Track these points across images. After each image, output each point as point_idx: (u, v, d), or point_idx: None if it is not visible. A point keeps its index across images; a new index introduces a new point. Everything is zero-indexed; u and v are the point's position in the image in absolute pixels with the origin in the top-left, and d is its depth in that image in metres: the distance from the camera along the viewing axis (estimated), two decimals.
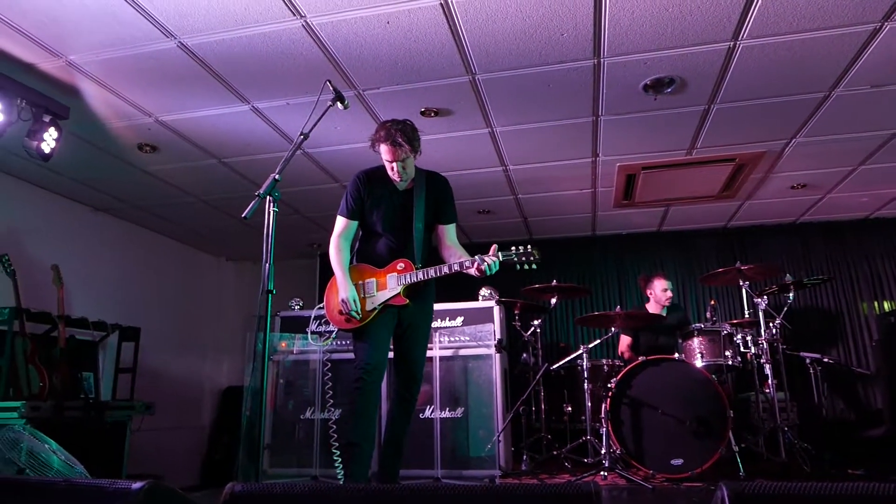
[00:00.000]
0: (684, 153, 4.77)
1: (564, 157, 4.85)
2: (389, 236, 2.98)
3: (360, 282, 2.95)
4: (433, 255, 3.06)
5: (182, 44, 3.28)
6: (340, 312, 2.91)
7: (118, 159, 4.70)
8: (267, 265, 2.30)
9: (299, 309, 5.11)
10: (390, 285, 2.91)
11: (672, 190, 5.53)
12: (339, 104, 2.73)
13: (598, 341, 4.67)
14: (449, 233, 3.10)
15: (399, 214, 2.99)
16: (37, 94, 3.56)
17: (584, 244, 7.00)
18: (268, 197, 2.37)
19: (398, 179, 2.94)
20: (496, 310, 4.63)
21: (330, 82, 2.71)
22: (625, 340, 5.31)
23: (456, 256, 2.99)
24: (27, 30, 3.15)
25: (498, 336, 4.53)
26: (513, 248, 2.92)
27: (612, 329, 4.46)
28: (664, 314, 5.24)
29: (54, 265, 4.79)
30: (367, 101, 3.89)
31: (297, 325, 4.94)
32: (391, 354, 3.04)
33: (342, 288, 2.91)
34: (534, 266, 2.88)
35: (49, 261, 4.88)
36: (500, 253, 2.87)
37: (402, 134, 2.84)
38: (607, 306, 6.74)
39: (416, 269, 2.93)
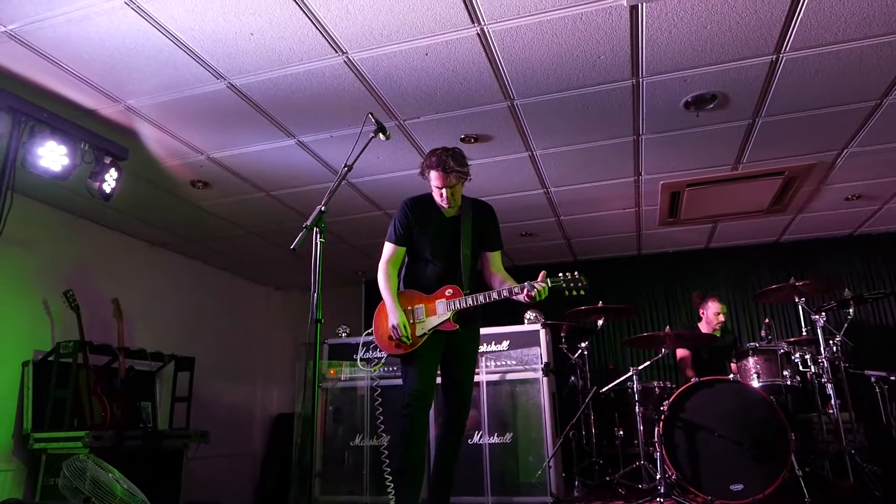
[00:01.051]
0: (730, 168, 4.68)
1: (606, 178, 4.83)
2: (437, 262, 3.02)
3: (410, 307, 3.00)
4: (479, 282, 3.08)
5: (231, 84, 3.43)
6: (390, 338, 2.94)
7: (173, 196, 4.90)
8: (315, 294, 2.34)
9: (346, 336, 5.17)
10: (439, 311, 2.95)
11: (719, 206, 5.42)
12: (381, 135, 2.80)
13: (648, 363, 4.57)
14: (495, 260, 3.14)
15: (447, 241, 3.03)
16: (98, 137, 3.76)
17: (629, 263, 6.90)
18: (315, 228, 2.43)
19: (446, 206, 2.99)
20: (542, 333, 4.60)
21: (372, 114, 2.78)
22: (685, 355, 5.16)
23: (502, 283, 3.02)
24: (89, 78, 3.35)
25: (545, 359, 4.48)
26: (560, 274, 2.94)
27: (662, 350, 4.36)
28: (718, 335, 5.10)
29: (114, 299, 5.00)
30: (409, 131, 3.97)
31: (344, 352, 4.99)
32: (439, 380, 3.06)
33: (392, 314, 2.95)
34: (582, 292, 2.93)
35: (110, 295, 5.11)
36: (548, 279, 2.88)
37: (452, 160, 2.92)
38: (656, 326, 6.61)
39: (465, 294, 2.95)
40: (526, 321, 4.80)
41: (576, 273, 2.94)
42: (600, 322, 4.81)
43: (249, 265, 6.95)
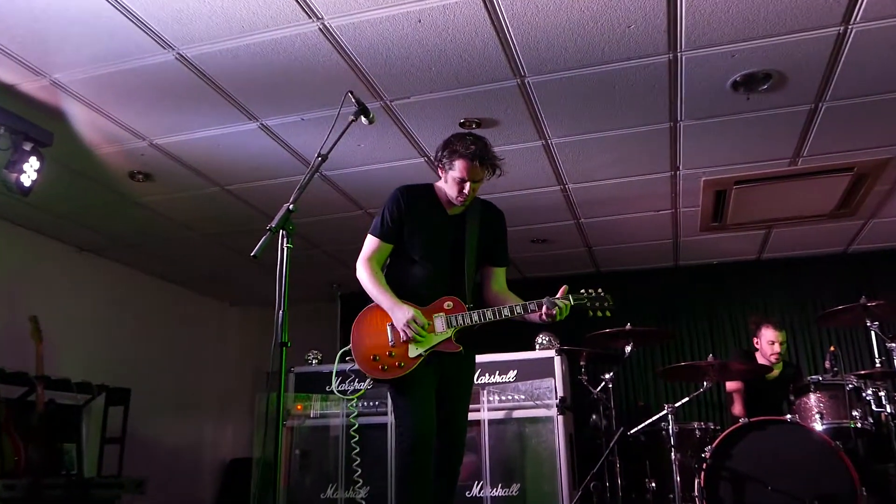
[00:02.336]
0: (787, 163, 4.71)
1: (637, 172, 4.85)
2: (431, 266, 3.01)
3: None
4: (478, 299, 3.09)
5: (181, 55, 3.44)
6: (374, 358, 2.90)
7: (107, 190, 4.90)
8: (280, 312, 2.34)
9: (317, 363, 5.16)
10: (438, 327, 2.94)
11: (773, 208, 5.45)
12: (363, 118, 2.80)
13: (687, 399, 4.57)
14: (500, 277, 3.17)
15: (447, 243, 3.03)
16: (16, 118, 3.76)
17: (664, 277, 6.91)
18: (280, 230, 2.43)
19: (461, 201, 3.00)
20: (557, 361, 4.60)
21: (352, 93, 2.79)
22: (735, 388, 5.17)
23: (510, 300, 3.02)
24: (6, 47, 3.36)
25: (560, 393, 4.48)
26: (584, 291, 2.96)
27: (705, 383, 4.37)
28: (779, 369, 5.11)
29: (32, 316, 4.98)
30: (396, 114, 3.98)
31: (315, 383, 4.98)
32: None
33: (397, 309, 2.91)
34: (607, 314, 2.96)
35: (26, 311, 5.08)
36: (570, 296, 2.91)
37: (490, 152, 2.96)
38: (697, 354, 6.62)
39: (468, 309, 2.95)
40: (537, 346, 4.80)
41: (600, 291, 2.96)
42: (628, 348, 4.81)
43: (200, 276, 6.95)
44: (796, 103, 3.95)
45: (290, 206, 2.46)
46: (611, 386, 4.89)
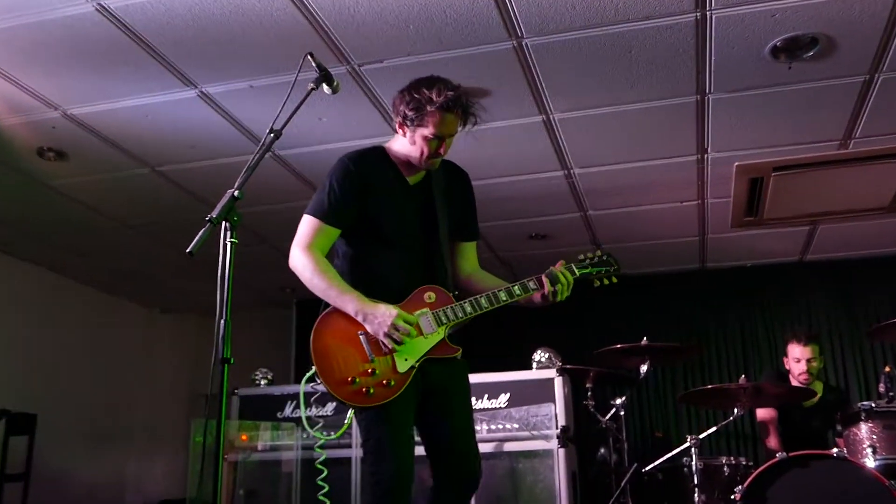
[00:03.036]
0: (836, 146, 4.75)
1: (656, 155, 4.87)
2: (400, 251, 2.92)
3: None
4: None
5: (101, 5, 3.40)
6: (352, 381, 2.74)
7: (10, 171, 4.85)
8: (221, 322, 2.33)
9: (267, 384, 5.13)
10: (425, 327, 2.85)
11: (819, 200, 5.49)
12: (325, 86, 2.79)
13: (714, 428, 4.60)
14: (471, 254, 3.11)
15: (415, 218, 2.95)
16: None
17: (688, 283, 6.95)
18: (223, 222, 2.41)
19: (431, 164, 2.92)
20: (558, 382, 4.60)
21: (312, 56, 2.77)
22: (767, 417, 5.20)
23: (486, 284, 2.98)
24: None
25: (562, 422, 4.49)
26: (582, 255, 2.97)
27: (735, 410, 4.39)
28: (818, 392, 5.15)
29: None
30: (366, 81, 3.97)
31: (264, 408, 4.95)
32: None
33: (367, 311, 2.73)
34: (613, 279, 2.98)
35: None
36: (573, 265, 2.91)
37: (467, 96, 2.86)
38: (726, 375, 6.67)
39: (453, 297, 2.89)
40: (534, 364, 4.80)
41: (600, 252, 2.99)
42: (644, 367, 4.83)
43: (124, 277, 6.89)
44: (848, 74, 3.98)
45: (236, 193, 2.45)
46: (623, 413, 4.90)
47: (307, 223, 2.90)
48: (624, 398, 4.86)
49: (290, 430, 4.89)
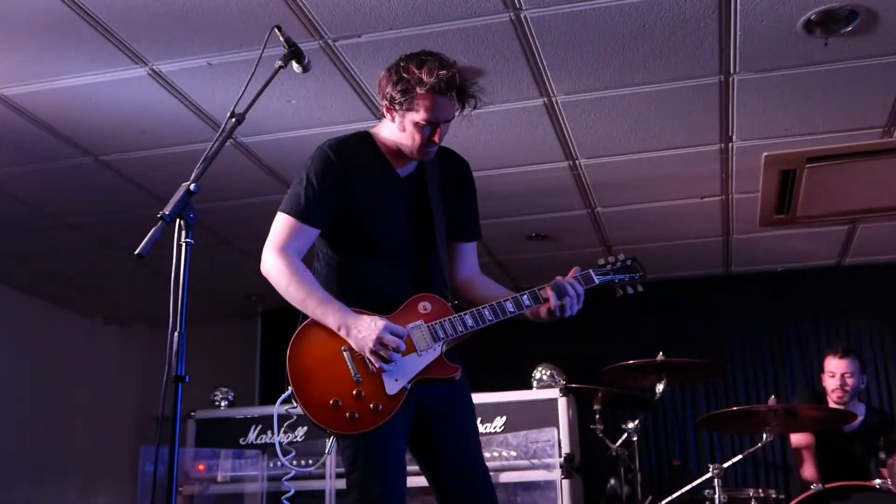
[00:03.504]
0: (879, 133, 4.77)
1: (674, 144, 4.87)
2: (388, 254, 2.90)
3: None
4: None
5: None
6: (334, 405, 2.72)
7: None
8: (176, 334, 2.32)
9: (228, 406, 5.12)
10: (419, 343, 2.82)
11: (860, 195, 5.51)
12: (294, 64, 2.77)
13: (740, 457, 4.59)
14: (471, 256, 3.08)
15: (409, 215, 2.93)
16: None
17: (710, 290, 6.96)
18: (177, 220, 2.40)
19: (425, 154, 2.87)
20: (562, 404, 4.61)
21: (280, 29, 2.76)
22: (803, 444, 5.21)
23: (488, 293, 2.95)
24: None
25: (566, 449, 4.49)
26: (602, 260, 2.93)
27: (764, 435, 4.40)
28: (858, 415, 5.16)
29: None
30: (342, 58, 3.95)
31: (224, 434, 4.96)
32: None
33: (351, 323, 2.68)
34: (638, 288, 2.92)
35: None
36: (591, 271, 2.86)
37: (464, 77, 2.80)
38: (754, 396, 6.67)
39: (452, 307, 2.86)
40: (535, 383, 4.80)
41: (622, 256, 2.93)
42: (660, 387, 4.84)
43: (63, 281, 6.86)
44: (891, 51, 3.99)
45: (192, 186, 2.44)
46: (636, 439, 4.90)
47: (282, 222, 2.86)
48: (637, 422, 4.86)
49: (254, 459, 4.87)
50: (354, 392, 2.69)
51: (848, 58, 4.03)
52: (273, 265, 2.81)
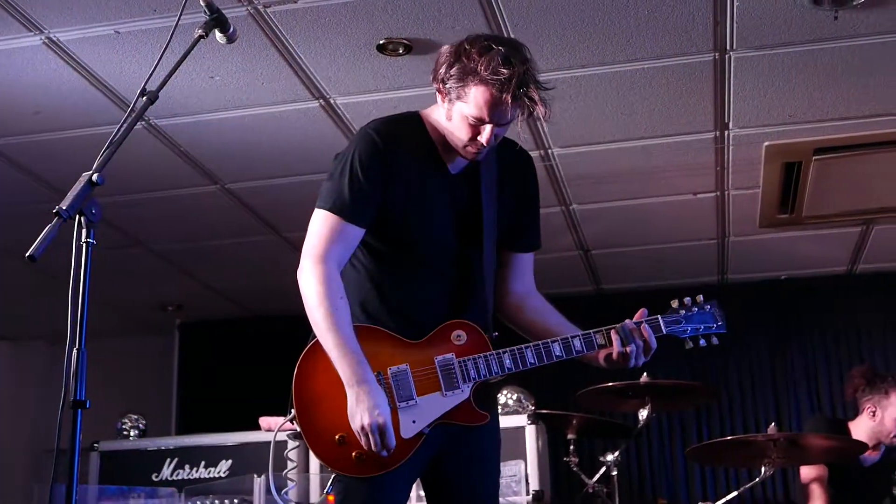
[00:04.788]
0: (895, 121, 4.85)
1: (661, 132, 4.92)
2: (429, 266, 2.85)
3: (377, 372, 2.80)
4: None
5: None
6: (339, 441, 2.70)
7: None
8: (74, 352, 2.30)
9: (139, 436, 5.07)
10: (445, 382, 2.79)
11: (874, 192, 5.58)
12: (217, 33, 2.75)
13: (736, 493, 4.63)
14: (525, 269, 3.06)
15: (455, 220, 2.89)
16: None
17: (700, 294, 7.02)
18: (77, 216, 2.38)
19: (472, 154, 2.82)
20: (530, 433, 4.62)
21: None
22: (815, 476, 5.25)
23: (542, 321, 2.94)
24: None
25: (534, 485, 4.51)
26: (675, 303, 2.93)
27: (763, 469, 4.44)
28: (876, 449, 5.23)
29: None
30: (274, 27, 3.94)
31: (134, 468, 4.94)
32: None
33: (359, 389, 2.65)
34: (714, 341, 2.92)
35: None
36: (660, 318, 2.86)
37: (534, 77, 2.73)
38: (752, 423, 6.74)
39: (490, 341, 2.83)
40: (500, 409, 4.80)
41: (701, 299, 2.94)
42: (644, 413, 4.86)
43: None
44: None
45: (94, 177, 2.41)
46: (615, 473, 4.93)
47: (322, 222, 2.77)
48: (617, 453, 4.88)
49: (169, 499, 4.84)
50: None
51: (861, 34, 4.07)
52: (309, 279, 2.73)
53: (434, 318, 2.79)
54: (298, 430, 2.71)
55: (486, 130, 2.69)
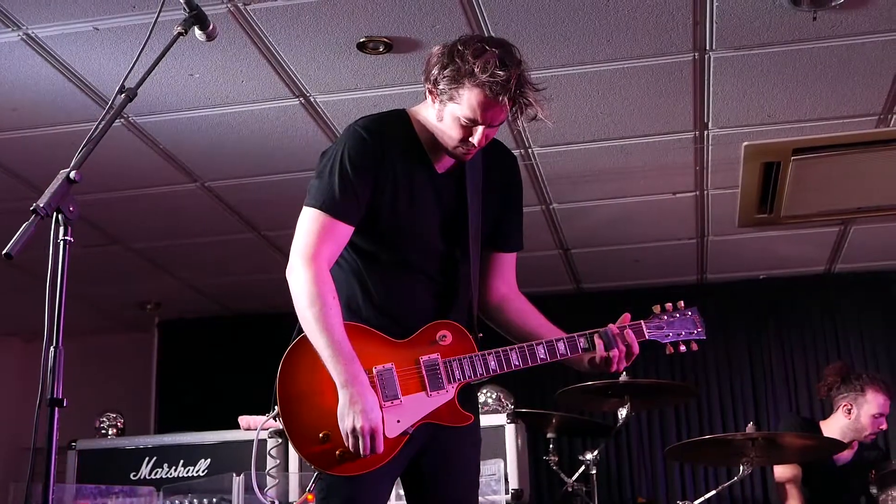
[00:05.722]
0: (874, 122, 4.85)
1: (640, 131, 4.93)
2: (414, 265, 2.85)
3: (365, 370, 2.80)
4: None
5: None
6: (324, 438, 2.67)
7: None
8: (52, 350, 2.29)
9: (117, 435, 5.05)
10: (431, 383, 2.79)
11: (852, 193, 5.59)
12: (196, 30, 2.74)
13: (715, 492, 4.65)
14: (510, 270, 3.09)
15: (440, 219, 2.90)
16: None
17: (682, 300, 7.01)
18: (55, 214, 2.37)
19: (462, 154, 2.81)
20: (510, 431, 4.62)
21: None
22: (789, 476, 5.27)
23: (522, 321, 2.95)
24: None
25: (514, 484, 4.51)
26: (657, 307, 2.98)
27: (741, 467, 4.46)
28: (851, 445, 5.25)
29: None
30: (254, 25, 3.93)
31: (112, 467, 4.94)
32: None
33: (354, 388, 2.63)
34: (693, 347, 2.97)
35: None
36: (643, 323, 2.91)
37: (527, 80, 2.70)
38: (730, 422, 6.76)
39: (476, 341, 2.84)
40: (480, 409, 4.79)
41: (682, 305, 3.01)
42: (623, 412, 4.86)
43: None
44: (889, 28, 4.05)
45: (72, 174, 2.41)
46: (595, 472, 4.93)
47: (311, 221, 2.77)
48: (596, 452, 4.88)
49: (148, 498, 4.82)
50: None
51: (840, 34, 4.09)
52: (299, 279, 2.71)
53: (419, 318, 2.80)
54: (281, 427, 2.70)
55: (478, 132, 2.71)
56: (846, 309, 6.94)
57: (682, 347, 2.93)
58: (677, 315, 2.97)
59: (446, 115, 2.72)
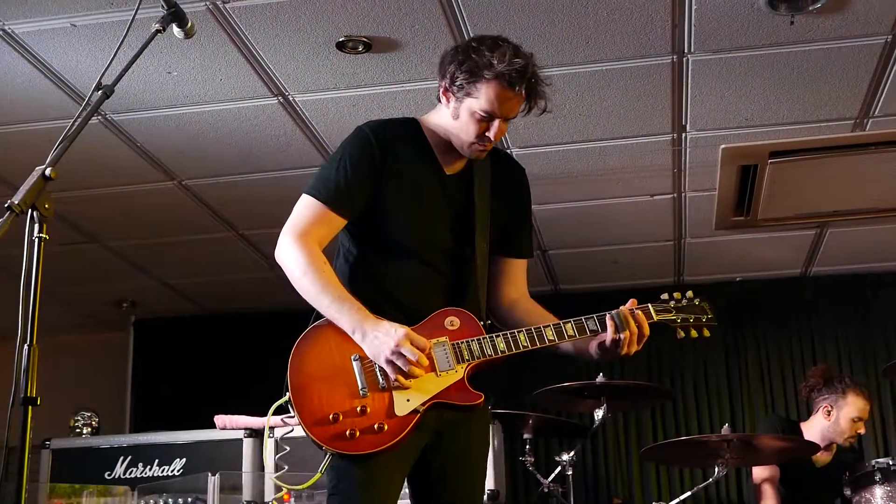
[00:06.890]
0: (850, 126, 4.88)
1: (618, 133, 4.94)
2: (423, 259, 2.89)
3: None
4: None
5: None
6: (335, 418, 2.67)
7: None
8: (25, 348, 2.28)
9: (91, 434, 5.03)
10: (440, 363, 2.79)
11: (828, 196, 5.62)
12: (175, 28, 2.74)
13: (690, 493, 4.65)
14: (518, 275, 3.15)
15: (449, 219, 2.94)
16: None
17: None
18: (29, 211, 2.36)
19: (479, 151, 2.86)
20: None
21: None
22: (767, 476, 5.29)
23: (534, 320, 2.97)
24: None
25: (490, 485, 4.49)
26: (665, 295, 2.98)
27: (717, 468, 4.47)
28: (829, 450, 5.27)
29: None
30: (233, 22, 3.92)
31: (87, 466, 4.90)
32: None
33: (368, 327, 2.70)
34: (705, 332, 3.02)
35: None
36: (650, 307, 2.92)
37: (538, 72, 2.81)
38: (706, 424, 6.77)
39: (484, 327, 2.86)
40: None
41: (691, 295, 3.01)
42: (600, 413, 4.87)
43: None
44: (865, 33, 4.08)
45: (48, 171, 2.40)
46: (571, 472, 4.94)
47: (306, 206, 2.86)
48: (573, 453, 4.89)
49: (122, 497, 4.80)
50: (358, 408, 2.69)
51: (817, 39, 4.11)
52: (288, 253, 2.80)
53: (428, 306, 2.84)
54: (292, 414, 2.73)
55: (495, 125, 2.79)
56: (822, 311, 6.97)
57: (695, 333, 2.97)
58: (685, 302, 3.00)
59: (463, 111, 2.79)
